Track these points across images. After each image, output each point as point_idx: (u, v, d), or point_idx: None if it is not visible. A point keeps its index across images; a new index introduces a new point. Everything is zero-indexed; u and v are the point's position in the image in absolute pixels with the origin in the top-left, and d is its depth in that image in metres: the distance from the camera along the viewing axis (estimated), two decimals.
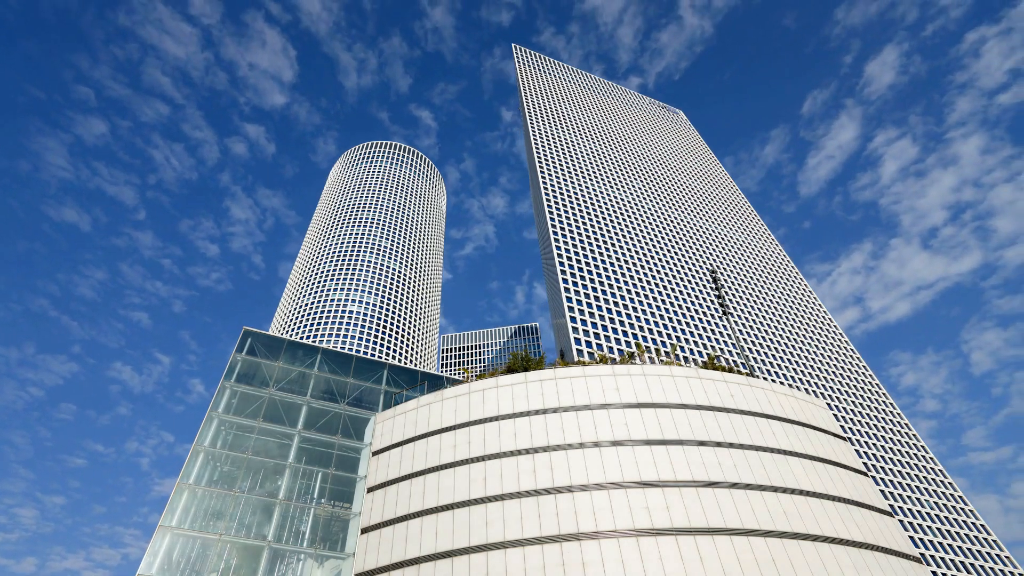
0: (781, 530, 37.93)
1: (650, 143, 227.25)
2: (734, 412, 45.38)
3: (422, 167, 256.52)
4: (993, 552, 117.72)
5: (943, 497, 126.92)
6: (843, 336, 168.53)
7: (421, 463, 43.96)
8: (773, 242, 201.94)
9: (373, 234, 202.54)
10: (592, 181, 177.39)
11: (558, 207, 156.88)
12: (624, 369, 46.85)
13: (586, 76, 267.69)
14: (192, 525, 41.08)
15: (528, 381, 46.11)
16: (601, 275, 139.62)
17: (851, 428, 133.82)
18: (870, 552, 39.83)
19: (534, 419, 43.29)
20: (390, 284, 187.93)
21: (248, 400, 49.49)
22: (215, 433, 46.90)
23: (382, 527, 41.65)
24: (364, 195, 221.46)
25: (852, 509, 42.53)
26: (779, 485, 40.92)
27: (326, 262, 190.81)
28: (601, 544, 35.55)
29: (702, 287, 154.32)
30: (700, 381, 47.18)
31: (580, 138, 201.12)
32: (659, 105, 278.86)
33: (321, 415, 50.83)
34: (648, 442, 41.42)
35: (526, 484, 39.30)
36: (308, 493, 47.88)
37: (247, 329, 53.11)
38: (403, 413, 49.04)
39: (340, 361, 55.72)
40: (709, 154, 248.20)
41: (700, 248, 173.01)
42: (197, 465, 43.75)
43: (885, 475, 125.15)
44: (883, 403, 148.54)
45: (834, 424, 51.78)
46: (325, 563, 42.89)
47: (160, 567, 37.51)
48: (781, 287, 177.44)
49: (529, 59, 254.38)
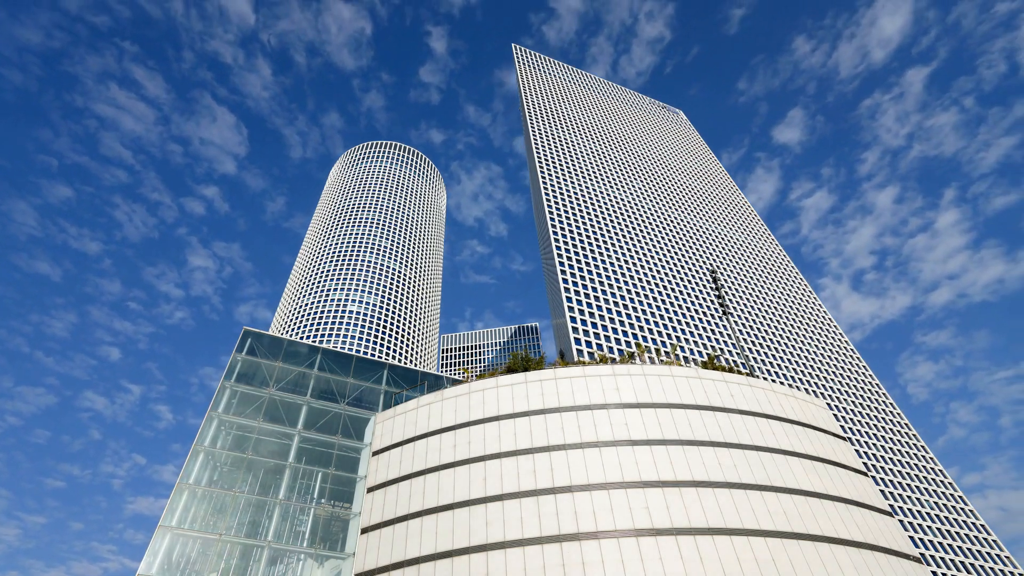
0: (781, 530, 37.92)
1: (650, 143, 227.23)
2: (734, 412, 45.37)
3: (422, 167, 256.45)
4: (993, 552, 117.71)
5: (943, 497, 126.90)
6: (843, 336, 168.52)
7: (421, 463, 43.95)
8: (773, 242, 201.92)
9: (373, 234, 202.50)
10: (592, 181, 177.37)
11: (558, 207, 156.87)
12: (624, 369, 46.84)
13: (586, 76, 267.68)
14: (192, 525, 41.06)
15: (528, 381, 46.10)
16: (601, 275, 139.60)
17: (851, 428, 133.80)
18: (870, 552, 39.82)
19: (534, 419, 43.28)
20: (390, 284, 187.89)
21: (248, 400, 49.48)
22: (215, 433, 46.88)
23: (382, 527, 41.64)
24: (364, 195, 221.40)
25: (852, 509, 42.52)
26: (779, 485, 40.91)
27: (326, 262, 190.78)
28: (601, 544, 35.54)
29: (702, 287, 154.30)
30: (700, 381, 47.17)
31: (580, 138, 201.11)
32: (659, 105, 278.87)
33: (321, 415, 50.81)
34: (648, 442, 41.41)
35: (526, 484, 39.28)
36: (308, 493, 47.87)
37: (247, 329, 53.08)
38: (403, 413, 49.03)
39: (340, 361, 55.70)
40: (709, 154, 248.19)
41: (700, 248, 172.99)
42: (197, 465, 43.73)
43: (885, 475, 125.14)
44: (883, 403, 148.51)
45: (834, 424, 51.77)
46: (325, 563, 42.88)
47: (160, 567, 37.49)
48: (781, 287, 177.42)
49: (529, 59, 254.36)
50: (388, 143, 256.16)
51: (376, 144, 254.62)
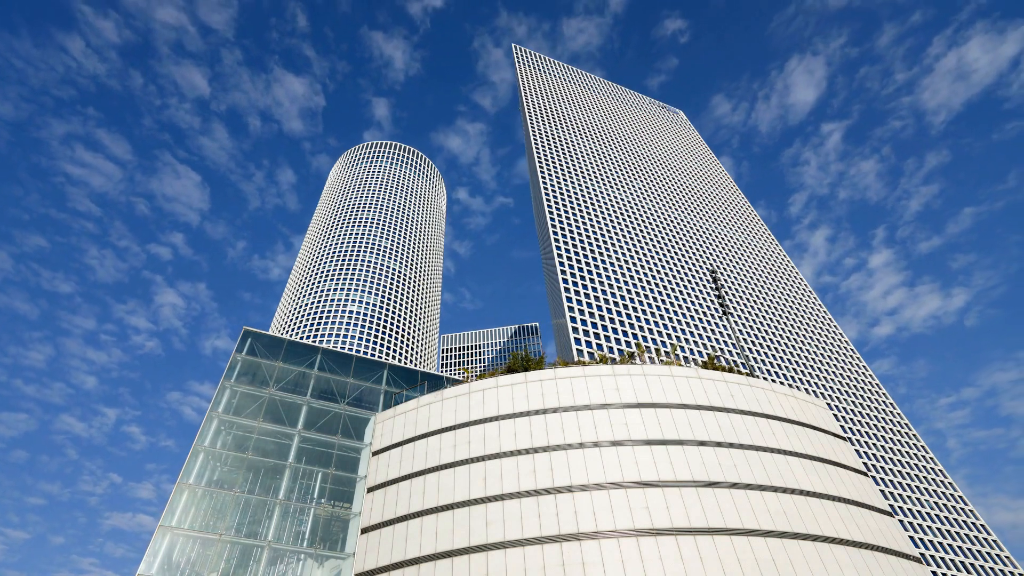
0: (781, 530, 37.92)
1: (650, 143, 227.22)
2: (734, 412, 45.36)
3: (422, 167, 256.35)
4: (993, 552, 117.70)
5: (943, 497, 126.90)
6: (843, 336, 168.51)
7: (421, 463, 43.94)
8: (773, 242, 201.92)
9: (373, 234, 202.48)
10: (592, 181, 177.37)
11: (558, 207, 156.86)
12: (624, 369, 46.84)
13: (586, 76, 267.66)
14: (192, 525, 41.05)
15: (528, 381, 46.10)
16: (601, 275, 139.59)
17: (851, 428, 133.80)
18: (870, 552, 39.82)
19: (534, 419, 43.28)
20: (390, 284, 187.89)
21: (248, 400, 49.47)
22: (215, 433, 46.87)
23: (382, 527, 41.63)
24: (364, 195, 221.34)
25: (852, 509, 42.51)
26: (779, 485, 40.90)
27: (326, 262, 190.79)
28: (601, 544, 35.54)
29: (702, 287, 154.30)
30: (700, 381, 47.16)
31: (580, 138, 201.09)
32: (659, 105, 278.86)
33: (321, 415, 50.80)
34: (648, 442, 41.41)
35: (526, 484, 39.28)
36: (308, 493, 47.86)
37: (247, 329, 53.06)
38: (403, 413, 49.03)
39: (340, 361, 55.69)
40: (709, 154, 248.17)
41: (700, 248, 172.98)
42: (197, 465, 43.72)
43: (885, 475, 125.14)
44: (883, 403, 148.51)
45: (834, 424, 51.77)
46: (325, 563, 42.87)
47: (160, 567, 37.48)
48: (781, 287, 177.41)
49: (529, 59, 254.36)
50: (388, 143, 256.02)
51: (376, 144, 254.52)
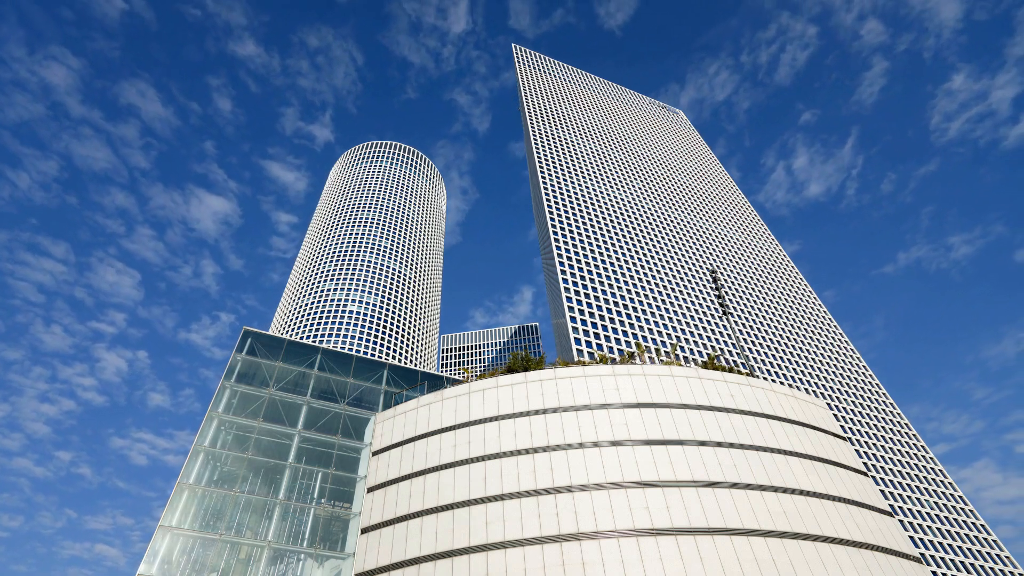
0: (781, 530, 37.92)
1: (650, 143, 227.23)
2: (734, 412, 45.35)
3: (422, 167, 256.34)
4: (993, 552, 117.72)
5: (943, 497, 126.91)
6: (843, 336, 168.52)
7: (421, 463, 43.94)
8: (773, 242, 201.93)
9: (373, 234, 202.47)
10: (592, 181, 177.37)
11: (558, 207, 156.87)
12: (624, 369, 46.83)
13: (586, 76, 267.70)
14: (192, 525, 41.05)
15: (528, 381, 46.09)
16: (601, 275, 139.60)
17: (851, 428, 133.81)
18: (870, 552, 39.82)
19: (534, 419, 43.27)
20: (390, 284, 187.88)
21: (248, 400, 49.46)
22: (215, 433, 46.87)
23: (382, 527, 41.63)
24: (364, 195, 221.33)
25: (852, 509, 42.52)
26: (779, 485, 40.90)
27: (326, 262, 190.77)
28: (601, 544, 35.54)
29: (702, 287, 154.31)
30: (700, 381, 47.15)
31: (580, 138, 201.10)
32: (659, 105, 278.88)
33: (321, 415, 50.80)
34: (648, 442, 41.40)
35: (526, 484, 39.28)
36: (308, 493, 47.86)
37: (247, 329, 53.05)
38: (403, 413, 49.02)
39: (340, 361, 55.68)
40: (709, 154, 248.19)
41: (700, 248, 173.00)
42: (197, 465, 43.72)
43: (885, 475, 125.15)
44: (883, 403, 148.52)
45: (834, 424, 51.77)
46: (325, 563, 42.87)
47: (160, 567, 37.49)
48: (781, 287, 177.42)
49: (529, 59, 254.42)
50: (387, 143, 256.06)
51: (376, 144, 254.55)
